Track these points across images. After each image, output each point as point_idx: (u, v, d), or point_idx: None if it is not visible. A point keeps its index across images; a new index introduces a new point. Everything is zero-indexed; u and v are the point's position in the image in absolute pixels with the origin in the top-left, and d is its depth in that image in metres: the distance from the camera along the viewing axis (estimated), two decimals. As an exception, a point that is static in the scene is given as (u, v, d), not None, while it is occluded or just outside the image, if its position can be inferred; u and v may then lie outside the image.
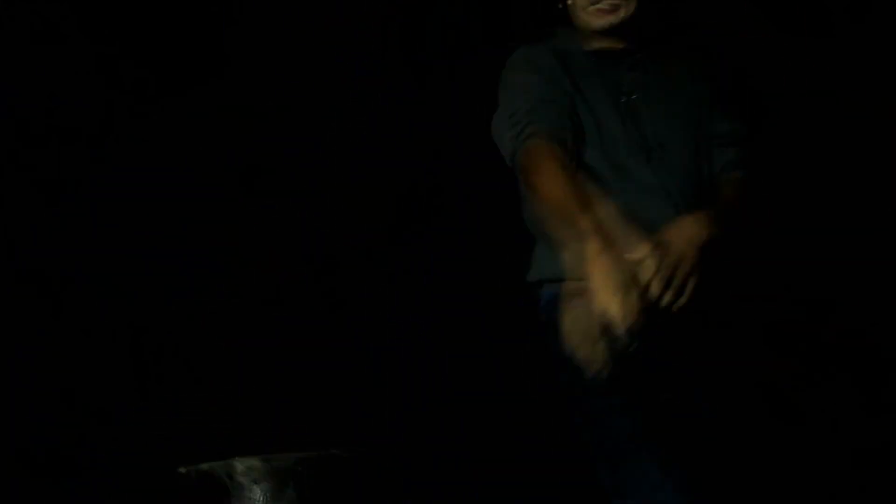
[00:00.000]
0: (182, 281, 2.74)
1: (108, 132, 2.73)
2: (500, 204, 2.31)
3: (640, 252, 1.60)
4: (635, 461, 1.66)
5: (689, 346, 1.78)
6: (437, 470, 2.87)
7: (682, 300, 1.64)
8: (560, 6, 1.93)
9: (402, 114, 2.95)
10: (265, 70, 2.87)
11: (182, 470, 2.16)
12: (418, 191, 3.02)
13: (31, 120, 2.66)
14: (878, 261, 2.88)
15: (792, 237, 2.82)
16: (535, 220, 1.87)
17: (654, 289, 1.58)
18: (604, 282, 1.51)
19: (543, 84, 1.87)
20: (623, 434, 1.68)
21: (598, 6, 1.84)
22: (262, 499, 2.11)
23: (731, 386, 1.86)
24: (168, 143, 2.76)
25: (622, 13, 1.85)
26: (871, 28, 2.88)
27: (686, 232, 1.67)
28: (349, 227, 2.92)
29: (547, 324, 1.76)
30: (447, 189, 3.00)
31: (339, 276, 2.95)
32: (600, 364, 1.53)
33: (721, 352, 1.85)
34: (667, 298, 1.61)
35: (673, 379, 1.75)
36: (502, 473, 2.90)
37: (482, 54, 2.60)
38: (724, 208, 1.78)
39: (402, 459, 2.78)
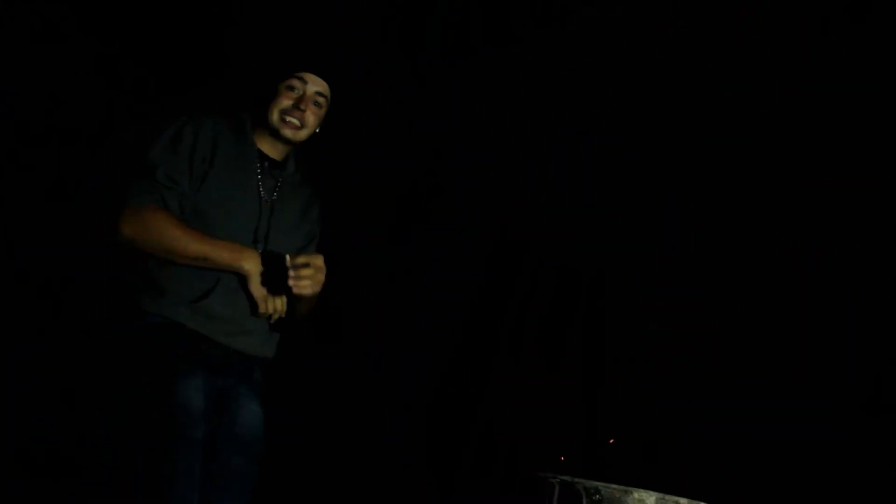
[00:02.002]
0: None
1: (108, 132, 2.74)
2: (499, 204, 2.31)
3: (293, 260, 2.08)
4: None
5: None
6: (436, 468, 2.87)
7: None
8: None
9: (402, 114, 2.95)
10: (265, 70, 2.87)
11: (548, 477, 2.10)
12: (418, 191, 3.02)
13: (31, 120, 2.67)
14: (876, 262, 2.89)
15: (791, 236, 2.83)
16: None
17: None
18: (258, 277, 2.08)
19: (190, 156, 2.08)
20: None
21: (289, 118, 2.15)
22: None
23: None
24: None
25: (302, 134, 2.17)
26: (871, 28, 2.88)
27: (321, 262, 2.14)
28: (349, 227, 2.93)
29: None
30: (447, 189, 3.00)
31: (338, 276, 2.95)
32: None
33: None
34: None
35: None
36: (500, 472, 2.90)
37: (482, 54, 2.60)
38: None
39: (403, 459, 2.78)
